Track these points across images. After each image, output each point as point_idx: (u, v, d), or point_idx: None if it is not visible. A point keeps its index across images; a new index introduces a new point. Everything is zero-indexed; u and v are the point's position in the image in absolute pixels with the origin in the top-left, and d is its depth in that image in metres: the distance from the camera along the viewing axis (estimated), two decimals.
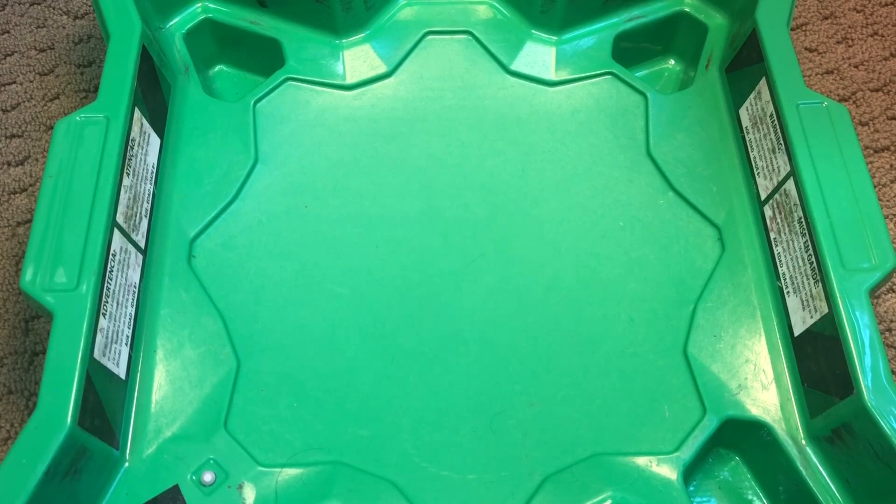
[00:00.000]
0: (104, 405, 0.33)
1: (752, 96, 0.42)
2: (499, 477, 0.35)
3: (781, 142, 0.39)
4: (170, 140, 0.43)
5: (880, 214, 0.36)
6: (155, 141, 0.42)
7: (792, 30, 0.43)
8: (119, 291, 0.36)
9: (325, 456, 0.35)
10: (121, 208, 0.37)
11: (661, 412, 0.37)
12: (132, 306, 0.37)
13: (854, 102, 0.48)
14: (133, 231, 0.38)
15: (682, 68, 0.48)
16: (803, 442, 0.35)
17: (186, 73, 0.45)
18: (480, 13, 0.48)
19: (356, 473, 0.35)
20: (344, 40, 0.47)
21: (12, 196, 0.45)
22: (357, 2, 0.46)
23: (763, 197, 0.41)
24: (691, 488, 0.36)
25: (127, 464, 0.34)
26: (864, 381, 0.32)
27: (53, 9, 0.52)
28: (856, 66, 0.49)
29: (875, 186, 0.37)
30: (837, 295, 0.34)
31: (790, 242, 0.38)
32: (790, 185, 0.38)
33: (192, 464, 0.34)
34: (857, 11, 0.51)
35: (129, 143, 0.38)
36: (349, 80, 0.46)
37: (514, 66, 0.46)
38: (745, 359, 0.38)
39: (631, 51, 0.47)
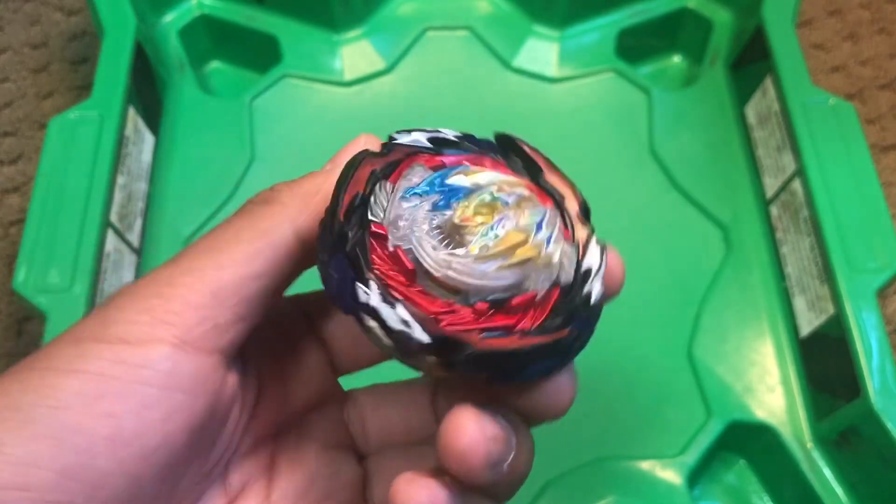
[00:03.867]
0: None
1: (757, 93, 0.42)
2: None
3: (787, 140, 0.39)
4: (164, 138, 0.42)
5: (887, 214, 0.35)
6: (149, 139, 0.41)
7: (798, 26, 0.42)
8: (113, 293, 0.35)
9: None
10: (115, 208, 0.36)
11: (665, 415, 0.36)
12: None
13: (861, 100, 0.47)
14: (127, 231, 0.37)
15: (687, 65, 0.47)
16: (810, 445, 0.35)
17: (181, 69, 0.45)
18: (481, 9, 0.47)
19: None
20: (342, 36, 0.46)
21: (5, 195, 0.45)
22: None
23: (769, 196, 0.40)
24: (696, 492, 0.36)
25: None
26: (872, 384, 0.31)
27: (47, 5, 0.51)
28: (862, 64, 0.48)
29: (882, 185, 0.36)
30: (844, 296, 0.33)
31: (796, 242, 0.38)
32: (796, 184, 0.38)
33: None
34: (864, 8, 0.51)
35: (124, 142, 0.38)
36: (347, 77, 0.45)
37: (516, 63, 0.46)
38: (750, 361, 0.37)
39: (635, 47, 0.46)
